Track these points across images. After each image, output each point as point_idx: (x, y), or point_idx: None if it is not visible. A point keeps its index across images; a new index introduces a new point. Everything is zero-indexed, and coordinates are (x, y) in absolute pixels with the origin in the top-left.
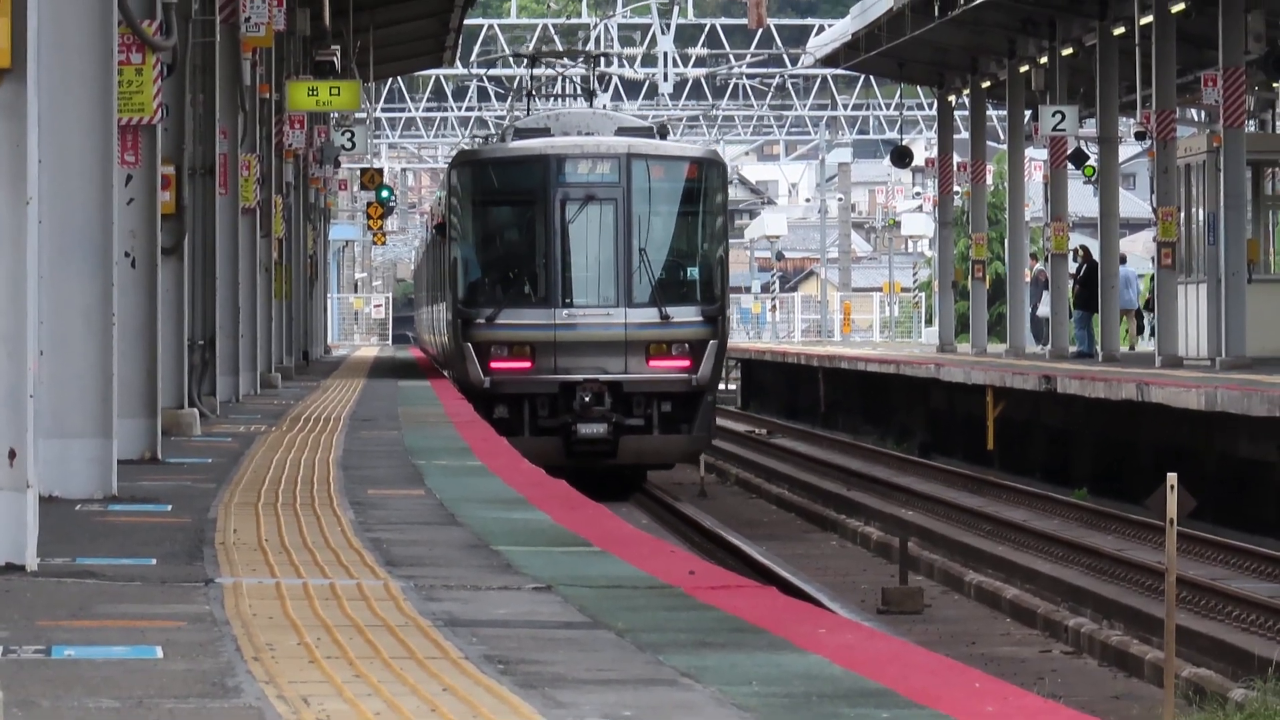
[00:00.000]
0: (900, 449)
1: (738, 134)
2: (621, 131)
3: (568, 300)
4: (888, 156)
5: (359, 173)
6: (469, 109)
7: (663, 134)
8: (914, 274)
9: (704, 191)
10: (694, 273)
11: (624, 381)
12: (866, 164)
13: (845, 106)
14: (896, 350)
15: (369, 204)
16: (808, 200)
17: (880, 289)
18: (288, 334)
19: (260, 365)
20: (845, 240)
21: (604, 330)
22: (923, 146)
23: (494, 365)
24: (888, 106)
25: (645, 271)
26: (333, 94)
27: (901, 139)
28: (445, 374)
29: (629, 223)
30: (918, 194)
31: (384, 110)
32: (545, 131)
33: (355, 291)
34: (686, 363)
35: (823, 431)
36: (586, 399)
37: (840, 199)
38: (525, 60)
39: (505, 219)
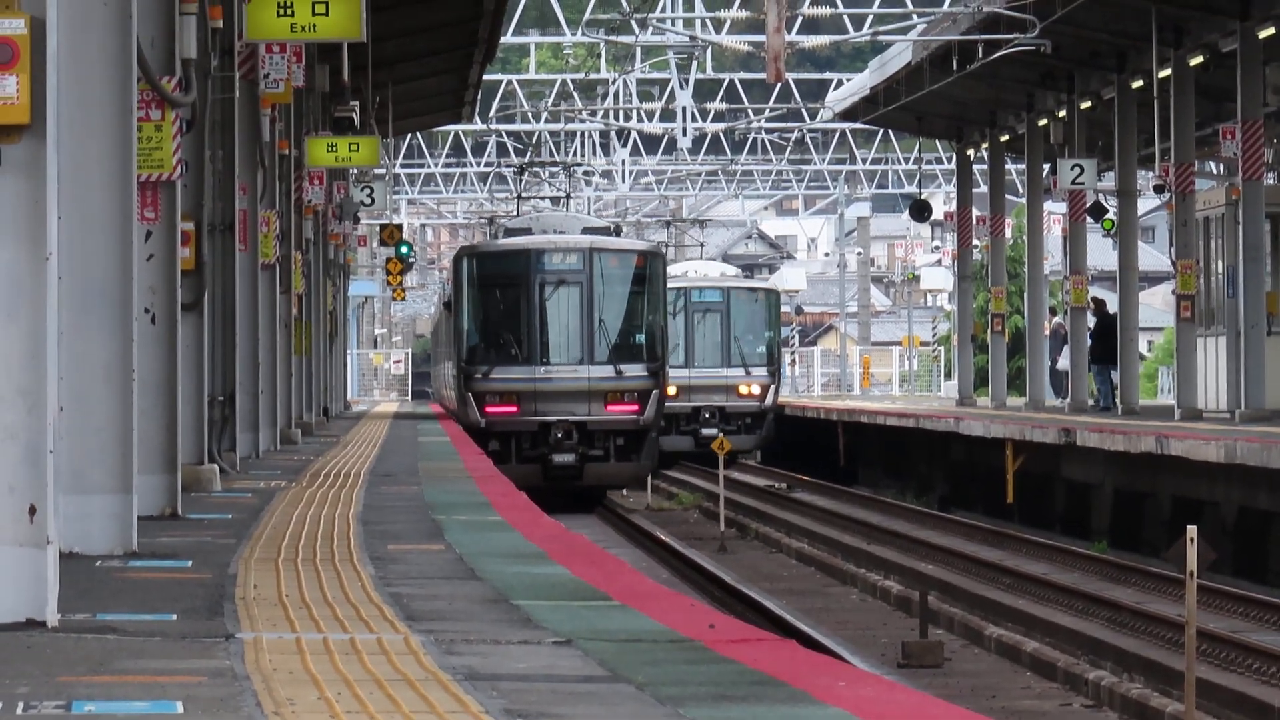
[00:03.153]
0: (920, 503)
1: (756, 188)
2: (586, 230)
3: (545, 359)
4: (906, 210)
5: (378, 228)
6: (488, 164)
7: (617, 232)
8: (933, 328)
9: (649, 276)
10: (641, 338)
11: (588, 422)
12: (885, 218)
13: (864, 160)
14: (916, 404)
15: (388, 259)
16: (827, 254)
17: (900, 343)
18: (308, 390)
19: (280, 421)
20: (864, 294)
21: (573, 382)
22: (941, 200)
23: (489, 410)
24: (906, 160)
25: (604, 337)
26: (352, 150)
27: (920, 193)
28: (455, 419)
29: (591, 300)
30: (937, 248)
31: (403, 166)
32: (528, 230)
33: (375, 347)
34: (635, 407)
35: (843, 486)
36: (560, 435)
37: (859, 253)
38: (515, 170)
39: (498, 297)
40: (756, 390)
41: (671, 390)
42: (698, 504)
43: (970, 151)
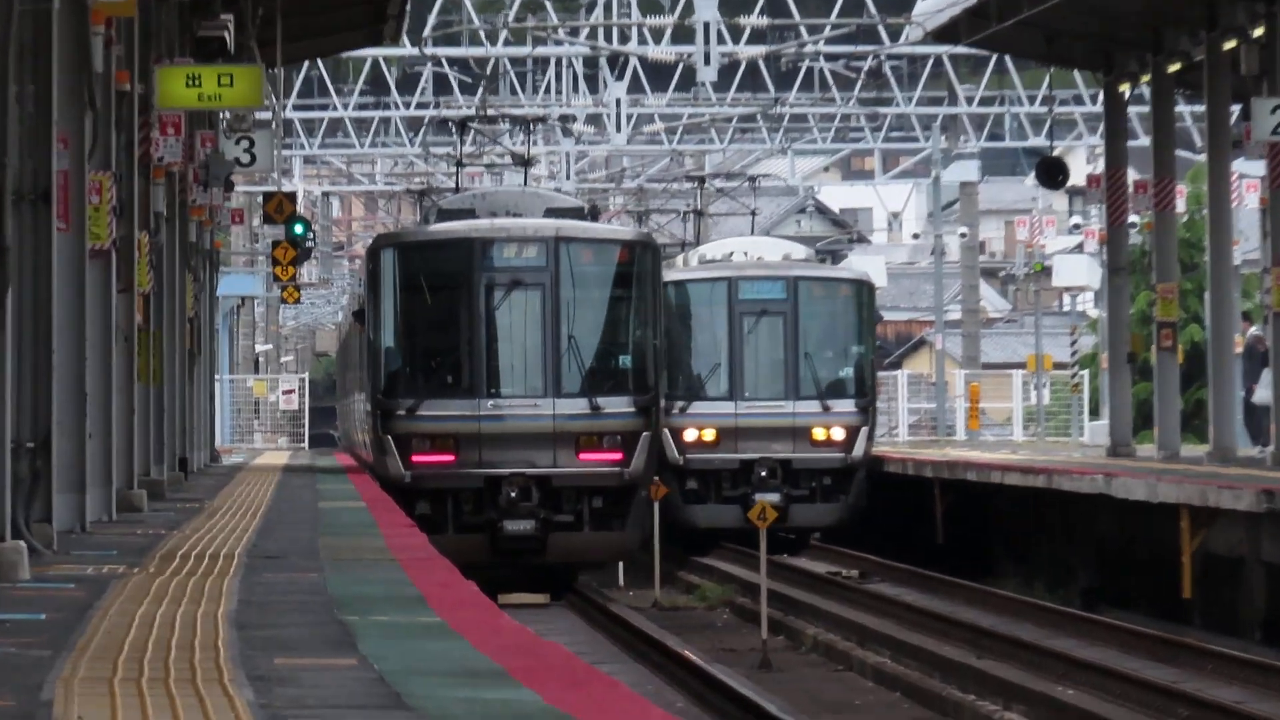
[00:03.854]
0: (1054, 597)
1: (812, 139)
2: (551, 213)
3: (493, 390)
4: (1032, 173)
5: (260, 199)
6: (421, 105)
7: (594, 215)
8: (1072, 343)
9: (636, 275)
10: (626, 361)
11: (552, 475)
12: (1000, 184)
13: (969, 102)
14: (1047, 454)
15: (275, 244)
16: (916, 237)
17: (1023, 365)
18: (157, 433)
19: (118, 479)
20: (971, 295)
21: (531, 422)
22: (1083, 158)
23: (416, 459)
24: (1031, 101)
25: (574, 359)
26: (223, 85)
27: (1052, 148)
28: (371, 473)
29: (557, 308)
30: (1076, 227)
31: (298, 109)
32: (470, 213)
33: (256, 371)
34: (618, 455)
35: (941, 573)
36: (513, 494)
37: (963, 235)
38: (455, 125)
39: (427, 305)
40: (840, 435)
41: (707, 434)
42: (729, 599)
43: (1124, 87)
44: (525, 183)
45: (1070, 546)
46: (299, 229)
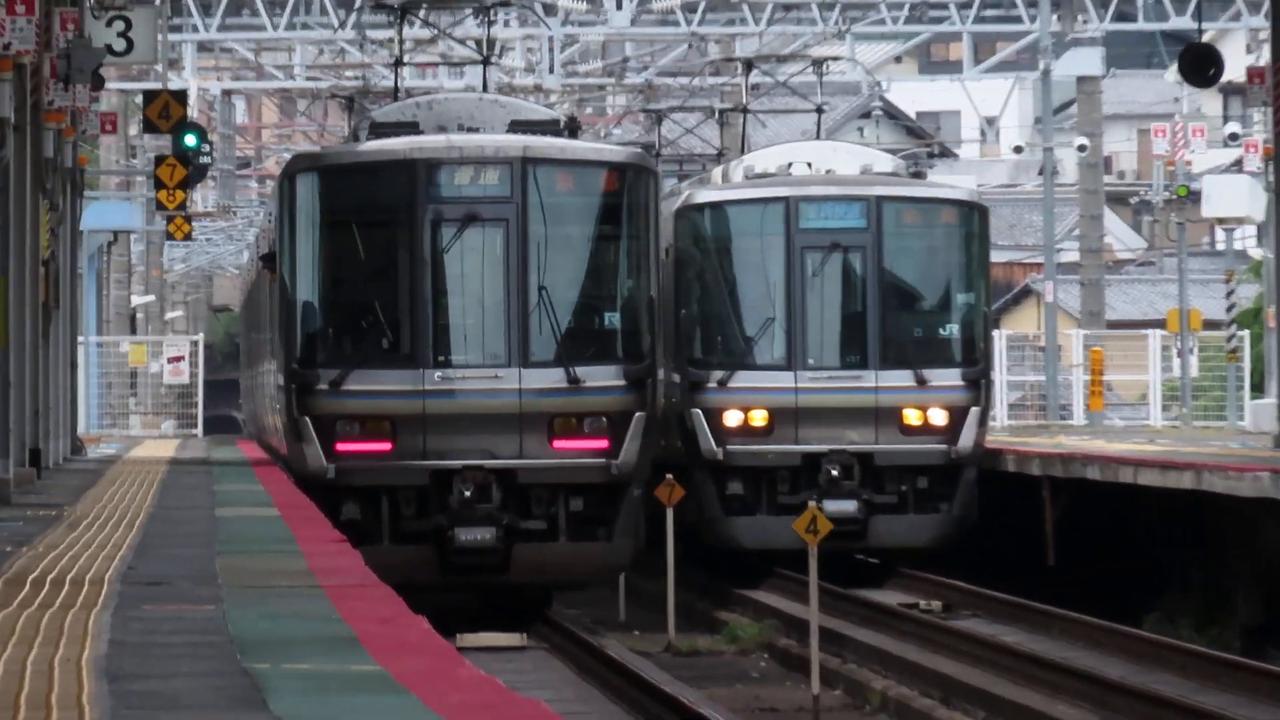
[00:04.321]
0: (1205, 639)
1: (879, 19)
2: (517, 126)
3: (442, 358)
4: (1173, 66)
5: (141, 100)
6: None
7: (573, 130)
8: (1228, 294)
9: (628, 208)
10: (613, 319)
11: (519, 469)
12: (1130, 79)
13: None
14: (1195, 444)
15: (159, 161)
16: (1018, 150)
17: (1162, 323)
18: (0, 417)
19: None
20: (1093, 228)
21: (491, 399)
22: (1241, 45)
23: (341, 447)
24: None
25: (547, 317)
26: None
27: (1200, 32)
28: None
29: (525, 251)
30: (1233, 138)
31: None
32: (412, 127)
33: (133, 332)
34: (604, 442)
35: (1050, 605)
36: (468, 493)
37: (1082, 148)
38: (393, 9)
39: (357, 247)
40: (941, 419)
41: (756, 417)
42: (768, 640)
43: None
44: (484, 86)
45: (1227, 569)
46: (191, 140)
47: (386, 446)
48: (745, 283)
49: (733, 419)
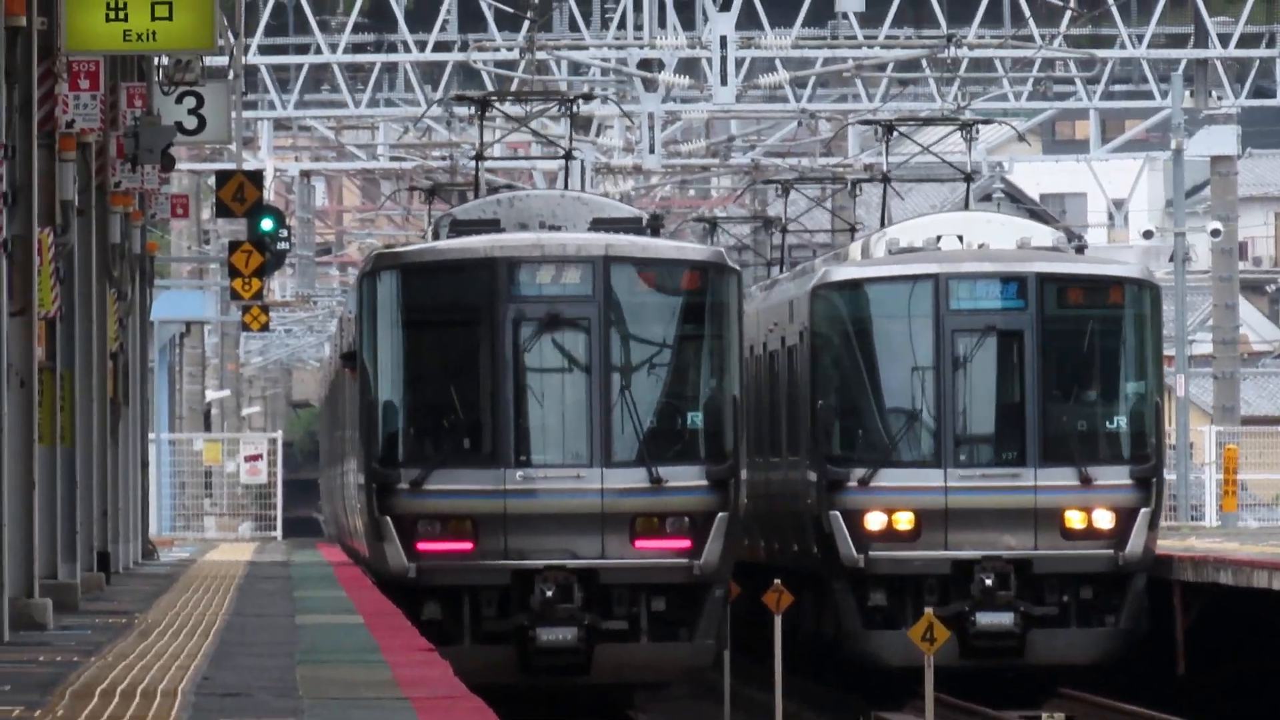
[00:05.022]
0: None
1: (1001, 94)
2: (599, 224)
3: (523, 458)
4: None
5: (214, 181)
6: (442, 46)
7: (655, 228)
8: None
9: (710, 307)
10: (697, 419)
11: (600, 569)
12: (1268, 159)
13: (1225, 41)
14: None
15: (234, 247)
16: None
17: None
18: (67, 518)
19: (10, 584)
20: (1227, 318)
21: (573, 499)
22: None
23: (422, 547)
24: None
25: (629, 417)
26: (159, 17)
27: None
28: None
29: (606, 350)
30: None
31: (265, 51)
32: (493, 224)
33: (207, 429)
34: (687, 543)
35: (1179, 715)
36: (549, 593)
37: (1215, 233)
38: (474, 105)
39: (438, 346)
40: (1107, 522)
41: (901, 520)
42: None
43: None
44: (566, 183)
45: None
46: (268, 224)
47: (468, 546)
48: (889, 370)
49: (875, 522)
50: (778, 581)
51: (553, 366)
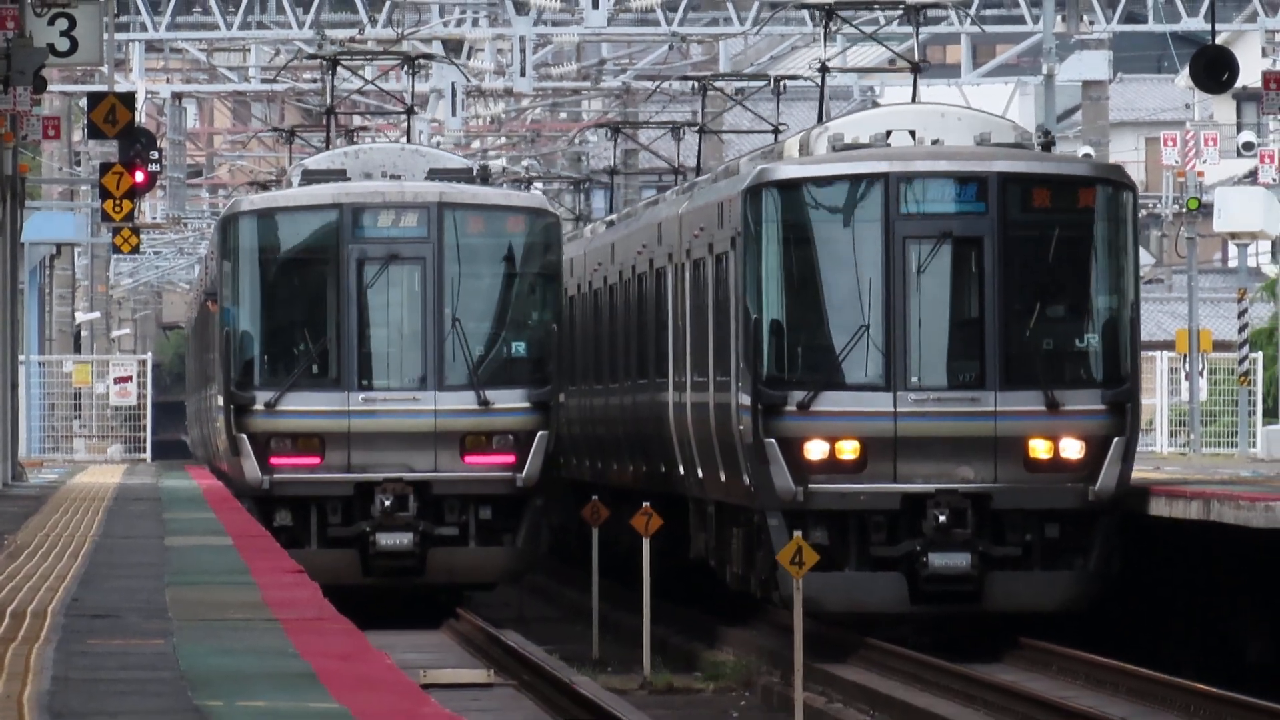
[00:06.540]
0: (1213, 679)
1: (873, 20)
2: (435, 175)
3: (365, 382)
4: (1184, 70)
5: (85, 103)
6: None
7: (484, 178)
8: (1240, 313)
9: (532, 248)
10: (520, 348)
11: (434, 481)
12: (1139, 84)
13: None
14: (1204, 471)
15: (106, 168)
16: None
17: (1170, 344)
18: None
19: None
20: None
21: (409, 419)
22: (1257, 48)
23: (275, 461)
24: None
25: (460, 346)
26: None
27: (1214, 34)
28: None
29: (440, 286)
30: (1248, 147)
31: None
32: (340, 174)
33: (77, 351)
34: (510, 458)
35: (1053, 644)
36: (388, 503)
37: (1088, 157)
38: (323, 62)
39: (289, 283)
40: (1075, 451)
41: (845, 448)
42: (750, 678)
43: None
44: (409, 136)
45: (1235, 608)
46: (140, 146)
47: (316, 461)
48: (832, 282)
49: (816, 451)
50: (647, 505)
51: (392, 301)
